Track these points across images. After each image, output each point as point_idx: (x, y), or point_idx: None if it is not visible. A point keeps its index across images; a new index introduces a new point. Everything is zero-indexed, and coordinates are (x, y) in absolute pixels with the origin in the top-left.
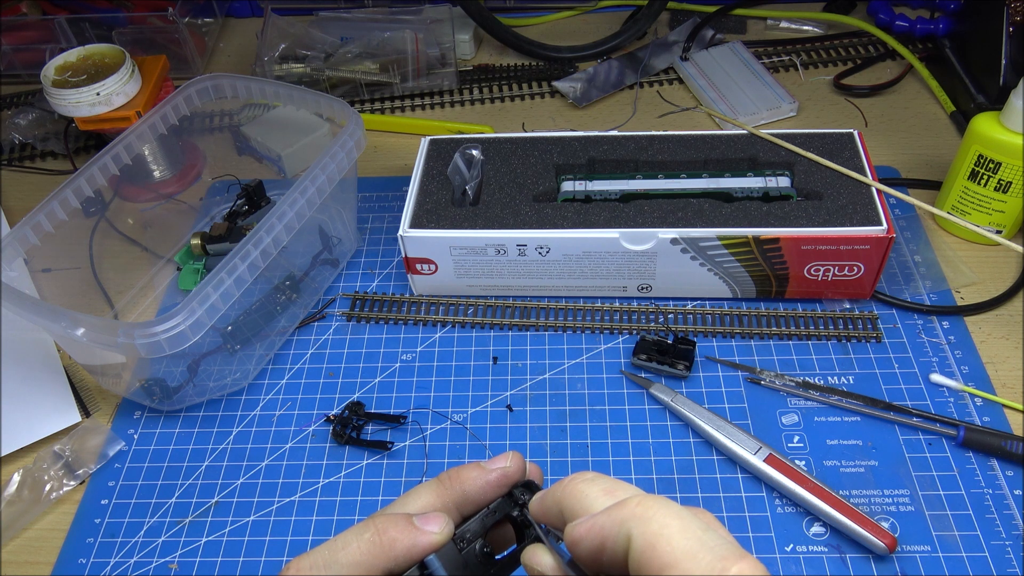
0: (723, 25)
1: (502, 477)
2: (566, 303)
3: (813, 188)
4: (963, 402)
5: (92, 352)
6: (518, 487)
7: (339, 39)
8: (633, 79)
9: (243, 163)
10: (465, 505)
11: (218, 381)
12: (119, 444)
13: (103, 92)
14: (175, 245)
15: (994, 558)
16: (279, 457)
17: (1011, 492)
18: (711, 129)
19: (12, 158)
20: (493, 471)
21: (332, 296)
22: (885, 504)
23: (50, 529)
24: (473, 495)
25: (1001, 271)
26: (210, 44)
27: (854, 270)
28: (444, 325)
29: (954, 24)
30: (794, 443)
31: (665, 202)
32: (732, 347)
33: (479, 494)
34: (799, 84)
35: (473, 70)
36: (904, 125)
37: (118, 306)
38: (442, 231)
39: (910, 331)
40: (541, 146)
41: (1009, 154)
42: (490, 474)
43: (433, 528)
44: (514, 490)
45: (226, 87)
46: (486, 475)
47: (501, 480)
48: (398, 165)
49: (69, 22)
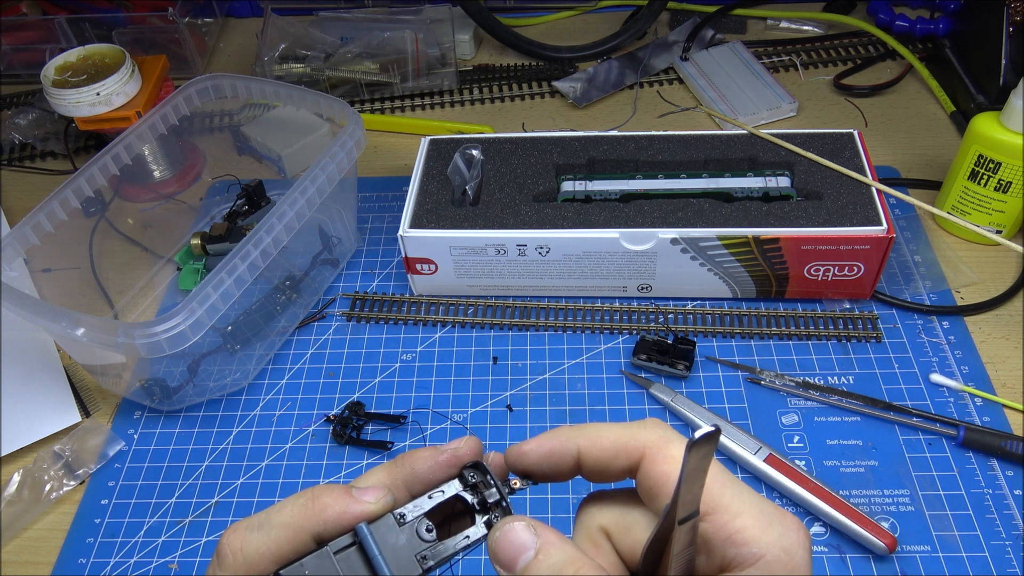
0: (723, 25)
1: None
2: (566, 303)
3: (813, 188)
4: (963, 402)
5: (92, 352)
6: (468, 468)
7: (339, 39)
8: (633, 79)
9: (243, 163)
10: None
11: (218, 381)
12: (119, 444)
13: (103, 92)
14: (175, 245)
15: (994, 558)
16: (279, 457)
17: (1011, 492)
18: (711, 129)
19: (12, 158)
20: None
21: (332, 296)
22: (885, 504)
23: (50, 529)
24: (422, 474)
25: (1001, 271)
26: (210, 44)
27: (854, 270)
28: (444, 325)
29: (954, 24)
30: (794, 443)
31: (665, 202)
32: (732, 347)
33: (428, 473)
34: (799, 84)
35: (473, 70)
36: (904, 125)
37: (118, 306)
38: (442, 231)
39: (910, 331)
40: (541, 146)
41: (1009, 154)
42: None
43: (368, 498)
44: (464, 471)
45: (226, 87)
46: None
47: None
48: (398, 165)
49: (69, 22)
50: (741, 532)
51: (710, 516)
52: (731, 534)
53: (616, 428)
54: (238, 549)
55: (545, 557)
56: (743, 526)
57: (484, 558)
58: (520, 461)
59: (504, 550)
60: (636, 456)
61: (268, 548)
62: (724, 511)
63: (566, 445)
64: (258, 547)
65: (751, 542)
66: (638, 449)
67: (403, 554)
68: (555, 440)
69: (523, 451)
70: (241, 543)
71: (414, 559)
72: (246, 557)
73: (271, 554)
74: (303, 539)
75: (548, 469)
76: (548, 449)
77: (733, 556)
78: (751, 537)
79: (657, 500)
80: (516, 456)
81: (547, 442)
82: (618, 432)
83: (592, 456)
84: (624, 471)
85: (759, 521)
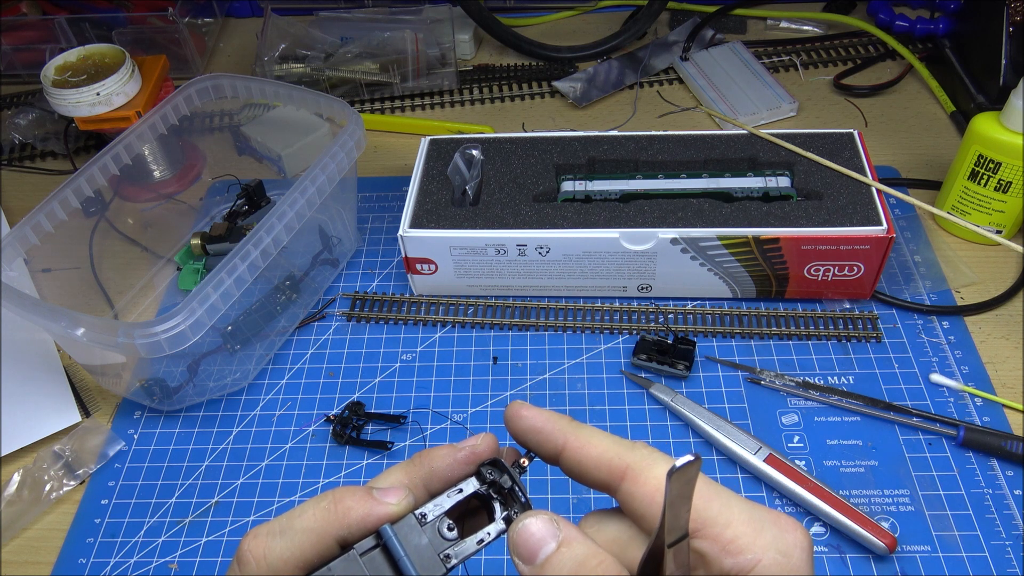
0: (723, 25)
1: (470, 455)
2: (566, 303)
3: (813, 188)
4: (963, 402)
5: (92, 352)
6: (485, 465)
7: (339, 39)
8: (633, 79)
9: (243, 163)
10: (433, 482)
11: (218, 381)
12: (119, 444)
13: (103, 92)
14: (175, 245)
15: (994, 558)
16: (279, 457)
17: (1011, 492)
18: (711, 129)
19: (12, 158)
20: (462, 449)
21: (332, 296)
22: (885, 504)
23: (50, 529)
24: (441, 472)
25: (1001, 271)
26: (210, 44)
27: (854, 270)
28: (444, 325)
29: (954, 24)
30: (794, 443)
31: (665, 202)
32: (732, 347)
33: (447, 471)
34: (799, 84)
35: (473, 70)
36: (904, 125)
37: (118, 306)
38: (442, 231)
39: (910, 331)
40: (541, 146)
41: (1009, 154)
42: (459, 452)
43: (391, 499)
44: (482, 468)
45: (226, 87)
46: (455, 453)
47: (469, 458)
48: (398, 165)
49: (69, 22)
50: (734, 541)
51: (702, 531)
52: (725, 545)
53: (607, 441)
54: (261, 556)
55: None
56: (735, 535)
57: (486, 558)
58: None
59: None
60: (618, 474)
61: (292, 554)
62: (714, 523)
63: (554, 435)
64: (281, 553)
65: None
66: (621, 468)
67: (426, 554)
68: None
69: (520, 414)
70: (264, 550)
71: (437, 558)
72: (270, 564)
73: (295, 560)
74: (327, 543)
75: (531, 443)
76: (538, 426)
77: (731, 566)
78: (745, 545)
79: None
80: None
81: (540, 420)
82: (607, 444)
83: (574, 457)
84: (602, 483)
85: (750, 528)
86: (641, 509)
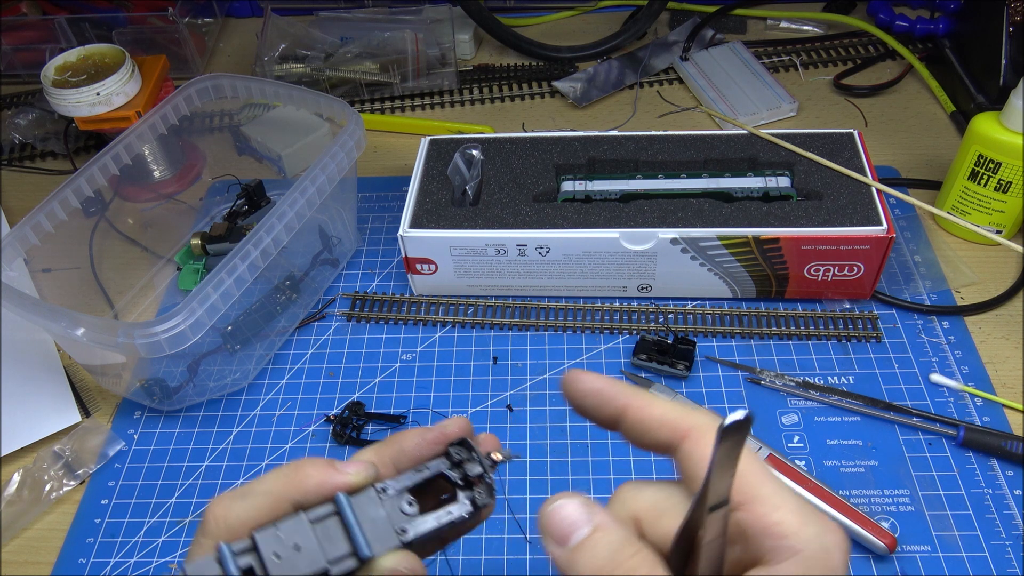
0: (723, 25)
1: (439, 435)
2: (566, 303)
3: (813, 188)
4: (963, 402)
5: (92, 352)
6: (454, 445)
7: (339, 39)
8: (633, 79)
9: (243, 163)
10: (401, 461)
11: (218, 381)
12: (119, 444)
13: (103, 92)
14: (175, 245)
15: (994, 558)
16: (279, 457)
17: (1011, 492)
18: (711, 129)
19: (12, 158)
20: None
21: (332, 296)
22: (885, 504)
23: (50, 529)
24: (410, 451)
25: (1001, 271)
26: (210, 44)
27: (854, 270)
28: (444, 325)
29: (954, 24)
30: (794, 443)
31: (665, 202)
32: (732, 347)
33: (415, 450)
34: (799, 84)
35: (473, 70)
36: (904, 125)
37: (118, 306)
38: (442, 231)
39: (910, 331)
40: (541, 146)
41: (1009, 154)
42: (428, 432)
43: (349, 469)
44: (450, 448)
45: (226, 87)
46: (424, 433)
47: (439, 438)
48: (398, 165)
49: (69, 22)
50: (779, 525)
51: (748, 506)
52: (769, 526)
53: (670, 403)
54: (221, 517)
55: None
56: (782, 519)
57: (485, 558)
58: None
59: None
60: (681, 433)
61: (249, 515)
62: (763, 502)
63: (616, 396)
64: (239, 514)
65: (790, 535)
66: (684, 428)
67: (381, 525)
68: (609, 386)
69: (580, 378)
70: (224, 511)
71: (392, 530)
72: (228, 524)
73: (252, 521)
74: (283, 507)
75: (589, 406)
76: (598, 388)
77: (770, 548)
78: (790, 531)
79: (696, 482)
80: (573, 377)
81: (601, 382)
82: (671, 406)
83: (637, 416)
84: (663, 444)
85: (797, 518)
86: (698, 470)
